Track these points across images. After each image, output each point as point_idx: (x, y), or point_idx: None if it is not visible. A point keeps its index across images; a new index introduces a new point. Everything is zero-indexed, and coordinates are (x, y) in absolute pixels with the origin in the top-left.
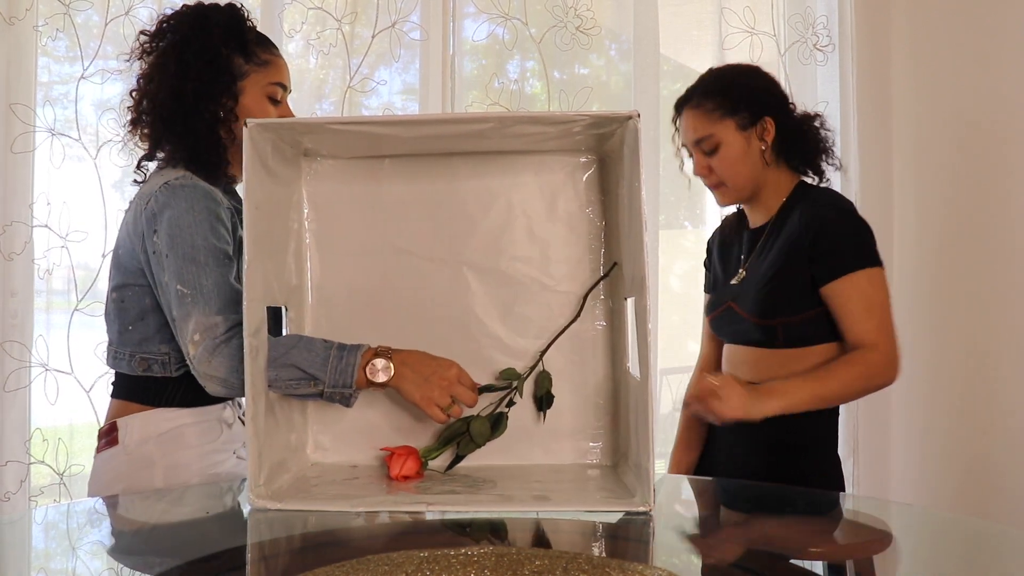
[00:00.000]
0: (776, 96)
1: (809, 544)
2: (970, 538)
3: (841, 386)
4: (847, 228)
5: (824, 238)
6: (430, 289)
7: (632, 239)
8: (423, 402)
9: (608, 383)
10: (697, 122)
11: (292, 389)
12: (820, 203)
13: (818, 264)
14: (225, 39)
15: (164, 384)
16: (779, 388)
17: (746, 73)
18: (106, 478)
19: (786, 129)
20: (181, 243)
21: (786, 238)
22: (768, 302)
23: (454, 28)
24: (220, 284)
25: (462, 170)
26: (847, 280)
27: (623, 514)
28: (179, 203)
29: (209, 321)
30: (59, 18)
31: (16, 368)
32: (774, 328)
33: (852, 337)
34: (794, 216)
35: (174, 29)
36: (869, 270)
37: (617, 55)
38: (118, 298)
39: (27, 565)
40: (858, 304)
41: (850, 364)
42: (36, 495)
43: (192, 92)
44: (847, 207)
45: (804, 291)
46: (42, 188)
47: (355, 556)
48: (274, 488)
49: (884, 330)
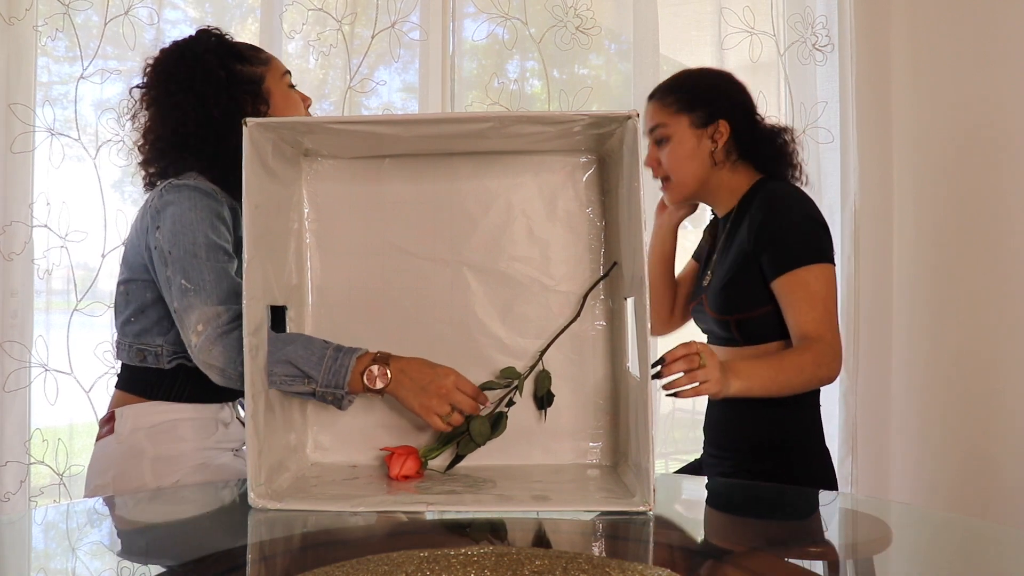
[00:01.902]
0: (737, 102)
1: (809, 544)
2: (970, 538)
3: (795, 372)
4: (796, 224)
5: (773, 235)
6: (430, 289)
7: (632, 239)
8: (422, 410)
9: (608, 383)
10: (655, 112)
11: (287, 385)
12: (773, 200)
13: (766, 259)
14: (223, 58)
15: (159, 377)
16: (740, 368)
17: (711, 76)
18: (100, 465)
19: (745, 135)
20: (183, 239)
21: (741, 236)
22: (726, 299)
23: (454, 28)
24: (221, 277)
25: (462, 170)
26: (793, 275)
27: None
28: (182, 201)
29: (212, 311)
30: (59, 18)
31: (16, 368)
32: (729, 324)
33: (796, 329)
34: (751, 211)
35: (168, 72)
36: (816, 266)
37: (617, 55)
38: (124, 291)
39: (27, 565)
40: (801, 297)
41: (800, 352)
42: (36, 495)
43: (221, 114)
44: (800, 204)
45: (758, 288)
46: (42, 188)
47: (355, 556)
48: (274, 488)
49: (827, 323)
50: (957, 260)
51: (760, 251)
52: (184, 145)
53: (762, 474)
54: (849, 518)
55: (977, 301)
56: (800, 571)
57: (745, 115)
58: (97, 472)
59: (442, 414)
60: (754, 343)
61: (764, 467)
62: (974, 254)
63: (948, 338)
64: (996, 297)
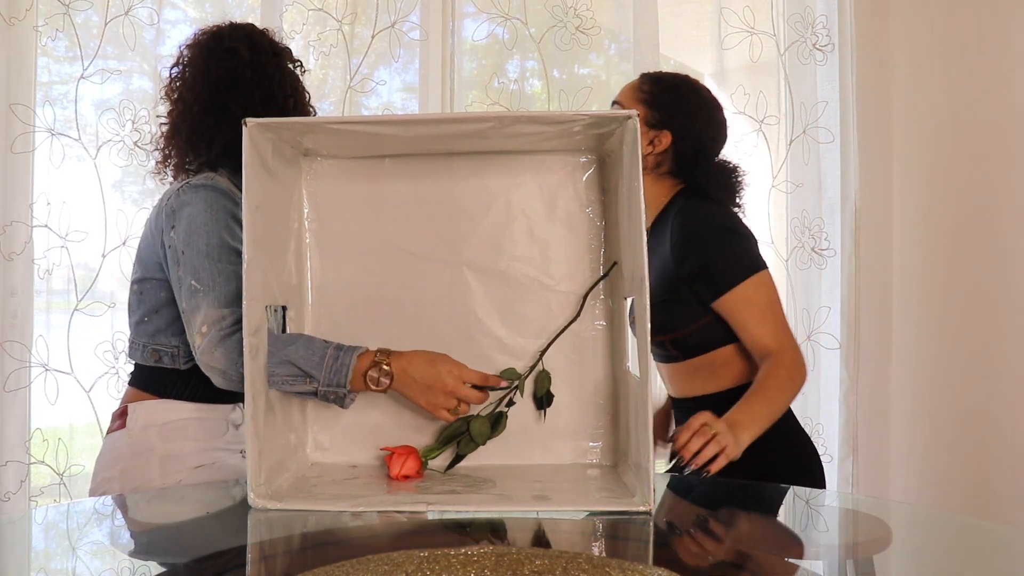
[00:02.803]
0: (698, 129)
1: (809, 544)
2: (970, 538)
3: (780, 393)
4: (720, 244)
5: (701, 260)
6: (430, 289)
7: (632, 239)
8: (428, 407)
9: (608, 383)
10: (627, 90)
11: (289, 386)
12: (693, 223)
13: (702, 284)
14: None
15: (174, 376)
16: (740, 420)
17: (695, 93)
18: (108, 457)
19: (686, 159)
20: (197, 240)
21: (664, 257)
22: (657, 320)
23: (454, 28)
24: (231, 279)
25: (462, 170)
26: (732, 294)
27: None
28: (198, 202)
29: (217, 314)
30: (59, 18)
31: (16, 368)
32: (664, 343)
33: (753, 345)
34: (671, 237)
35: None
36: (751, 279)
37: (617, 55)
38: (137, 290)
39: (27, 565)
40: (748, 314)
41: (774, 372)
42: (36, 495)
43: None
44: (720, 221)
45: (692, 307)
46: (42, 188)
47: (355, 556)
48: (274, 488)
49: (782, 330)
50: (957, 260)
51: (692, 278)
52: (214, 136)
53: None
54: (849, 518)
55: (977, 301)
56: (801, 571)
57: (695, 144)
58: (105, 465)
59: (449, 408)
60: (694, 355)
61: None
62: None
63: (948, 338)
64: (996, 297)
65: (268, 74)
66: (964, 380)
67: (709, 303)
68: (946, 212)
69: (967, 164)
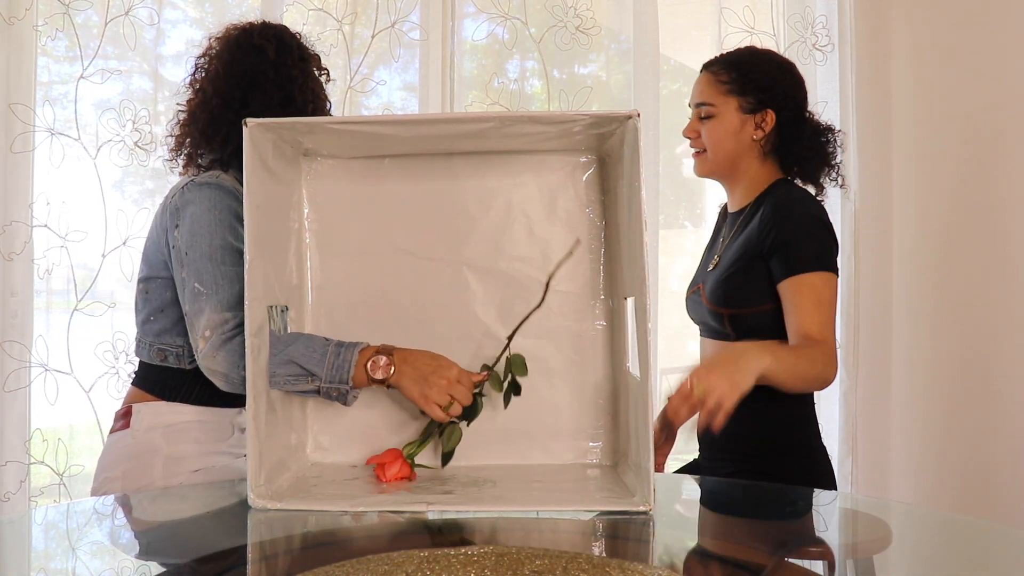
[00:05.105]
0: (791, 96)
1: (809, 544)
2: (970, 538)
3: (810, 364)
4: (809, 230)
5: (785, 236)
6: (430, 289)
7: (632, 239)
8: (421, 399)
9: (608, 383)
10: (706, 87)
11: (291, 385)
12: (788, 202)
13: (777, 260)
14: (298, 46)
15: (179, 378)
16: (767, 345)
17: (772, 63)
18: (111, 457)
19: (789, 129)
20: (200, 242)
21: (750, 232)
22: (725, 291)
23: (454, 28)
24: (234, 281)
25: (462, 170)
26: (804, 278)
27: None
28: (202, 201)
29: (220, 318)
30: (59, 18)
31: (16, 368)
32: (723, 317)
33: (799, 329)
34: (763, 210)
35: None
36: (824, 273)
37: (617, 55)
38: (143, 289)
39: (27, 565)
40: (810, 300)
41: (811, 347)
42: (36, 495)
43: (301, 102)
44: (814, 211)
45: (761, 286)
46: (42, 188)
47: (355, 556)
48: (274, 488)
49: (830, 328)
50: (957, 260)
51: (771, 252)
52: (230, 133)
53: (760, 474)
54: (849, 518)
55: (977, 301)
56: (800, 571)
57: (794, 111)
58: (107, 465)
59: (442, 404)
60: (744, 339)
61: (762, 467)
62: (974, 253)
63: (948, 338)
64: (996, 297)
65: (291, 76)
66: (964, 380)
67: (778, 281)
68: (946, 212)
69: (967, 164)
